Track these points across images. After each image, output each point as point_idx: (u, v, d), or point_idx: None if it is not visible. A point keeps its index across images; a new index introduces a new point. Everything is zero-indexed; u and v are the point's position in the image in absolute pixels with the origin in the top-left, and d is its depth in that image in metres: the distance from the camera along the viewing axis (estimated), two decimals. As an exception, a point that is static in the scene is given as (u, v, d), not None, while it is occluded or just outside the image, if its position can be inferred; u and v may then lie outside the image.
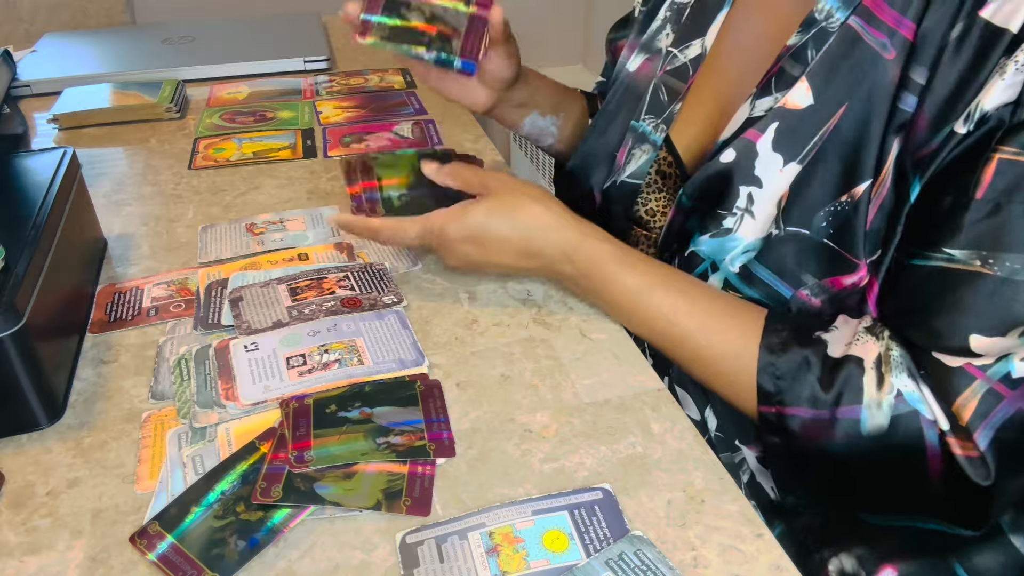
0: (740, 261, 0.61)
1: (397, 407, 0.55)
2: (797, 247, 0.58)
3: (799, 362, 0.54)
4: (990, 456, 0.48)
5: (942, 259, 0.51)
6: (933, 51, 0.52)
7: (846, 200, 0.56)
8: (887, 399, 0.51)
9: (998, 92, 0.49)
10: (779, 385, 0.54)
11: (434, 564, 0.45)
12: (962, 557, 0.58)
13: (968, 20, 0.51)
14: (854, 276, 0.57)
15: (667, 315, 0.60)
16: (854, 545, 0.60)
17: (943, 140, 0.52)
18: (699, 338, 0.58)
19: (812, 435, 0.53)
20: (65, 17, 1.95)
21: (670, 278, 0.61)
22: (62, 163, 0.68)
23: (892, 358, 0.52)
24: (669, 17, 0.73)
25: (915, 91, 0.53)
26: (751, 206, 0.60)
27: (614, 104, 0.76)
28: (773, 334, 0.56)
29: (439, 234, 0.63)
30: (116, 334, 0.64)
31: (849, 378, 0.52)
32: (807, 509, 0.62)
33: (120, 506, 0.49)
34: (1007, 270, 0.48)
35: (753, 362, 0.55)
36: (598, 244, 0.62)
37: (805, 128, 0.57)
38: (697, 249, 0.63)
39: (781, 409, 0.54)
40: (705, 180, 0.62)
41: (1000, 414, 0.48)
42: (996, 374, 0.49)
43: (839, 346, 0.54)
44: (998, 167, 0.49)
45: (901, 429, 0.50)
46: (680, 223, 0.66)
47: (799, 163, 0.57)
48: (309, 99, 1.11)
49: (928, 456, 0.50)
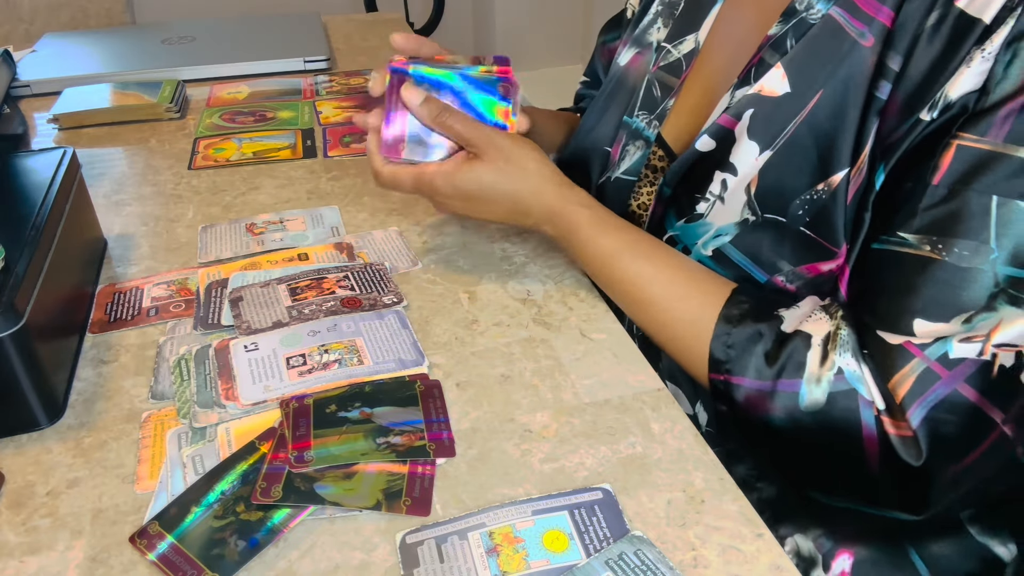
0: (712, 245, 0.62)
1: (397, 407, 0.55)
2: (773, 234, 0.59)
3: (751, 334, 0.55)
4: (922, 435, 0.48)
5: (896, 243, 0.52)
6: (909, 38, 0.53)
7: (823, 188, 0.56)
8: (827, 376, 0.51)
9: (965, 80, 0.50)
10: (729, 353, 0.55)
11: (434, 564, 0.45)
12: (918, 545, 0.58)
13: (944, 8, 0.51)
14: (832, 263, 0.57)
15: (632, 279, 0.61)
16: (810, 526, 0.60)
17: (909, 127, 0.52)
18: (661, 303, 0.60)
19: (754, 406, 0.54)
20: (65, 17, 1.95)
21: (640, 244, 0.63)
22: (62, 163, 0.68)
23: (840, 337, 0.52)
24: (661, 11, 0.73)
25: (890, 78, 0.53)
26: (723, 192, 0.60)
27: (605, 98, 0.76)
28: (734, 305, 0.57)
29: (429, 187, 0.65)
30: (116, 334, 0.64)
31: (794, 352, 0.53)
32: (758, 481, 0.62)
33: (120, 506, 0.49)
34: (955, 256, 0.49)
35: (709, 330, 0.56)
36: (577, 208, 0.64)
37: (781, 115, 0.58)
38: (672, 234, 0.65)
39: (728, 377, 0.55)
40: (683, 168, 0.63)
41: (935, 394, 0.48)
42: (934, 353, 0.49)
43: (793, 322, 0.55)
44: (956, 153, 0.49)
45: (838, 406, 0.51)
46: (660, 213, 0.67)
47: (772, 150, 0.58)
48: (309, 99, 1.11)
49: (864, 436, 0.50)
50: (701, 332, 0.57)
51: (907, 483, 0.50)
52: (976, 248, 0.48)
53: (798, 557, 0.60)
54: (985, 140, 0.48)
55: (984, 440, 0.49)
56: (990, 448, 0.49)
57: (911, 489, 0.50)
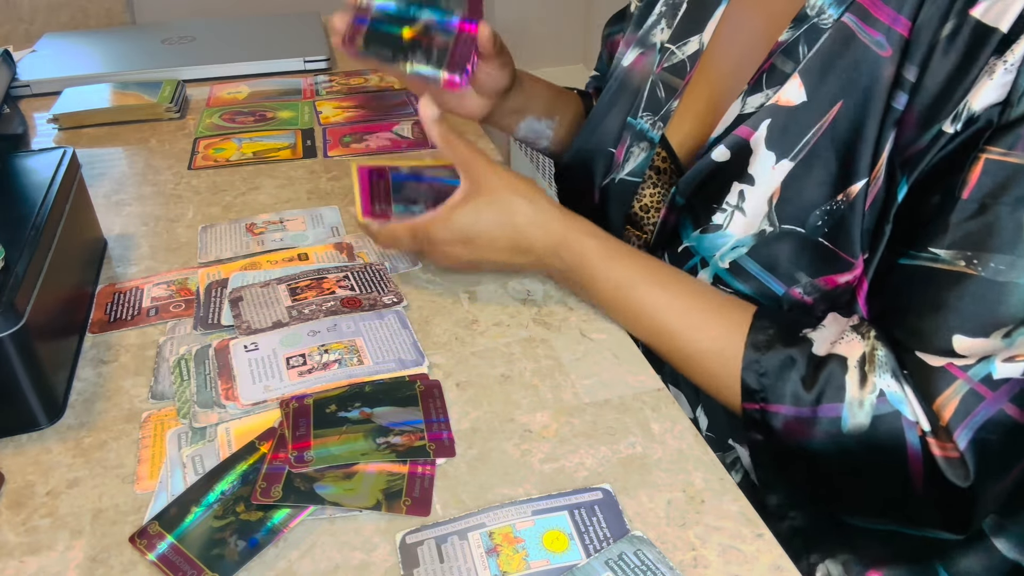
0: (730, 257, 0.61)
1: (397, 407, 0.55)
2: (791, 245, 0.58)
3: (783, 360, 0.54)
4: (970, 457, 0.48)
5: (928, 259, 0.51)
6: (924, 48, 0.52)
7: (842, 199, 0.56)
8: (869, 398, 0.50)
9: (987, 92, 0.49)
10: (763, 382, 0.54)
11: (434, 564, 0.45)
12: (946, 561, 0.58)
13: (959, 18, 0.51)
14: (849, 275, 0.57)
15: (650, 311, 0.60)
16: (839, 551, 0.60)
17: (931, 139, 0.52)
18: (683, 334, 0.58)
19: (794, 433, 0.53)
20: (65, 17, 1.95)
21: (655, 273, 0.61)
22: (62, 163, 0.68)
23: (877, 358, 0.52)
24: (664, 12, 0.73)
25: (906, 89, 0.53)
26: (742, 203, 0.60)
27: (608, 99, 0.76)
28: (760, 331, 0.56)
29: (425, 237, 0.63)
30: (116, 334, 0.64)
31: (831, 376, 0.52)
32: (791, 510, 0.62)
33: (120, 506, 0.49)
34: (991, 271, 0.48)
35: (737, 359, 0.55)
36: (584, 239, 0.62)
37: (798, 125, 0.57)
38: (688, 245, 0.63)
39: (764, 406, 0.54)
40: (698, 178, 0.63)
41: (980, 415, 0.48)
42: (977, 374, 0.49)
43: (824, 345, 0.54)
44: (984, 167, 0.49)
45: (882, 429, 0.50)
46: (673, 222, 0.66)
47: (791, 160, 0.57)
48: (309, 99, 1.11)
49: (909, 457, 0.49)
50: (728, 361, 0.56)
51: (952, 503, 0.49)
52: (1012, 262, 0.48)
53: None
54: (1013, 154, 0.48)
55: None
56: None
57: (956, 509, 0.50)
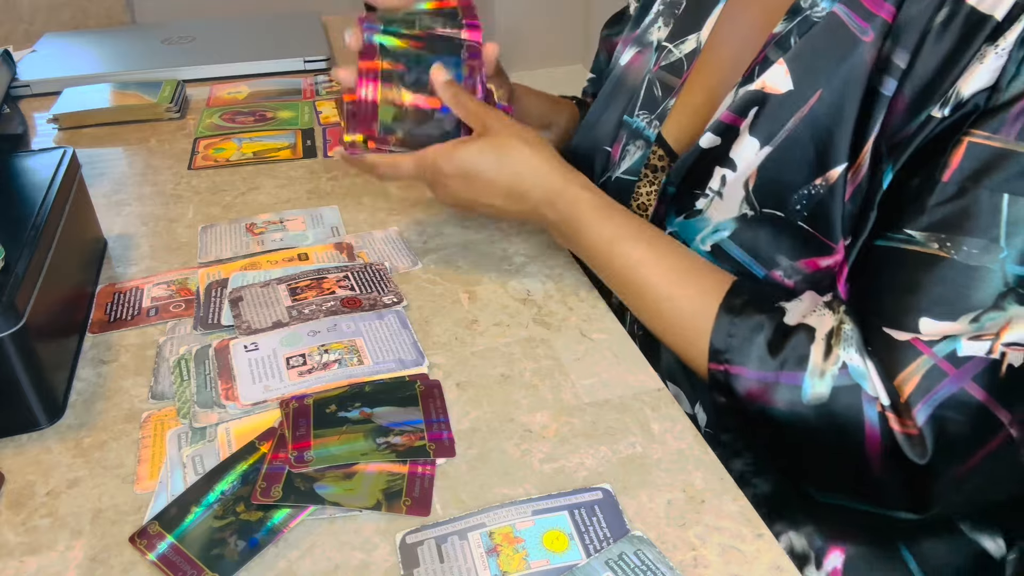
0: (711, 240, 0.62)
1: (397, 407, 0.55)
2: (771, 228, 0.58)
3: (753, 325, 0.54)
4: (928, 433, 0.48)
5: (902, 240, 0.51)
6: (916, 36, 0.52)
7: (820, 183, 0.56)
8: (831, 370, 0.51)
9: (977, 77, 0.49)
10: (730, 343, 0.55)
11: (434, 564, 0.45)
12: (909, 542, 0.58)
13: (954, 6, 0.51)
14: (830, 258, 0.57)
15: (633, 265, 0.60)
16: (804, 523, 0.60)
17: (920, 125, 0.52)
18: (662, 290, 0.59)
19: (755, 397, 0.53)
20: (65, 17, 1.95)
21: (644, 231, 0.62)
22: (62, 163, 0.68)
23: (844, 331, 0.52)
24: (662, 11, 0.73)
25: (896, 75, 0.53)
26: (722, 188, 0.60)
27: (605, 97, 0.76)
28: (735, 296, 0.57)
29: (432, 167, 0.64)
30: (116, 334, 0.64)
31: (797, 345, 0.52)
32: (755, 477, 0.62)
33: (120, 506, 0.49)
34: (964, 254, 0.48)
35: (709, 319, 0.56)
36: (579, 192, 0.63)
37: (783, 112, 0.58)
38: (671, 231, 0.65)
39: (729, 367, 0.54)
40: (685, 166, 0.63)
41: (942, 392, 0.48)
42: (941, 351, 0.48)
43: (796, 316, 0.54)
44: (967, 150, 0.49)
45: (841, 401, 0.50)
46: (663, 212, 0.67)
47: (772, 146, 0.58)
48: (309, 99, 1.11)
49: (867, 432, 0.50)
50: (700, 322, 0.57)
51: (910, 481, 0.50)
52: (985, 246, 0.48)
53: (792, 554, 0.60)
54: (997, 138, 0.48)
55: (990, 440, 0.48)
56: (996, 449, 0.48)
57: (914, 487, 0.50)
